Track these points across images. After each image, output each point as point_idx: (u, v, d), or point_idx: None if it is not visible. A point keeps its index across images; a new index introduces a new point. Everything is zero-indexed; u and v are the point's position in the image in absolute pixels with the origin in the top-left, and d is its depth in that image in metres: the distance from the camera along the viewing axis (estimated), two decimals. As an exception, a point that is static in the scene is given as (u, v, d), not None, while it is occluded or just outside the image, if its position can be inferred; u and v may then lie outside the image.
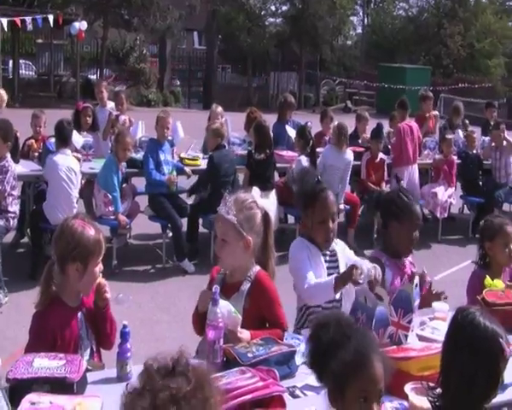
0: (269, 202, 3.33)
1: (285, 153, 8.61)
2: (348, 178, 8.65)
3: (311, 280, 3.53)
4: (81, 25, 21.59)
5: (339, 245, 3.81)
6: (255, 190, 3.38)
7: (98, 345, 3.18)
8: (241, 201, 3.16)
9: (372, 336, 2.42)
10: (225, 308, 2.95)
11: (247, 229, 3.12)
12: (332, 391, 2.23)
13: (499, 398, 2.59)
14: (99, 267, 3.05)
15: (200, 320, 3.10)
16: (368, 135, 9.65)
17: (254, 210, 3.17)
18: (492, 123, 10.70)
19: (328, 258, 3.73)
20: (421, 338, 3.40)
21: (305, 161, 8.13)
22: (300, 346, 3.17)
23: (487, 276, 3.81)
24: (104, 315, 3.14)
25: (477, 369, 2.36)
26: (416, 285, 3.53)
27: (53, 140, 7.74)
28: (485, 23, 34.43)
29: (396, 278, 3.77)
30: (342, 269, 3.70)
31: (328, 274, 3.66)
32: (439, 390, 2.47)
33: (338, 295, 3.66)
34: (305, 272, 3.57)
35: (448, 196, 9.29)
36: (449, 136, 9.66)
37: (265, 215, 3.22)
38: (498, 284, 3.76)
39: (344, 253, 3.81)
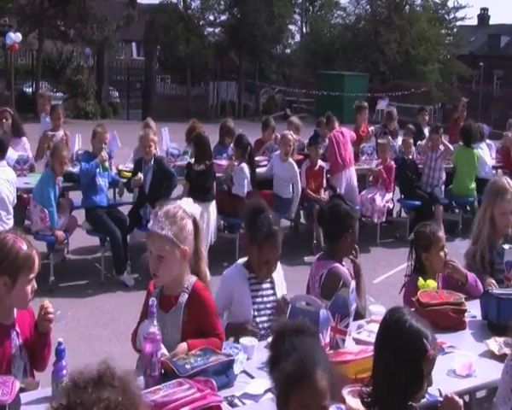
0: (197, 209, 3.31)
1: (224, 162, 8.60)
2: (299, 186, 8.71)
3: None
4: (16, 36, 21.13)
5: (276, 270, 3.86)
6: (185, 200, 3.37)
7: (32, 364, 3.10)
8: (172, 214, 3.14)
9: (321, 348, 2.38)
10: None
11: (182, 239, 3.12)
12: (277, 400, 2.23)
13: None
14: (32, 285, 2.96)
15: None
16: (305, 141, 9.77)
17: (185, 219, 3.16)
18: (426, 128, 10.99)
19: (264, 287, 3.80)
20: (358, 342, 3.45)
21: (246, 168, 8.16)
22: (239, 355, 3.17)
23: (420, 278, 3.88)
24: (44, 341, 3.07)
25: (399, 367, 2.40)
26: (353, 290, 3.57)
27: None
28: (420, 30, 35.17)
29: None
30: (279, 294, 3.81)
31: (268, 302, 3.77)
32: (370, 388, 2.52)
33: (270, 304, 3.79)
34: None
35: (386, 201, 9.44)
36: (381, 141, 9.86)
37: (194, 221, 3.22)
38: (431, 283, 3.84)
39: (279, 275, 3.90)
